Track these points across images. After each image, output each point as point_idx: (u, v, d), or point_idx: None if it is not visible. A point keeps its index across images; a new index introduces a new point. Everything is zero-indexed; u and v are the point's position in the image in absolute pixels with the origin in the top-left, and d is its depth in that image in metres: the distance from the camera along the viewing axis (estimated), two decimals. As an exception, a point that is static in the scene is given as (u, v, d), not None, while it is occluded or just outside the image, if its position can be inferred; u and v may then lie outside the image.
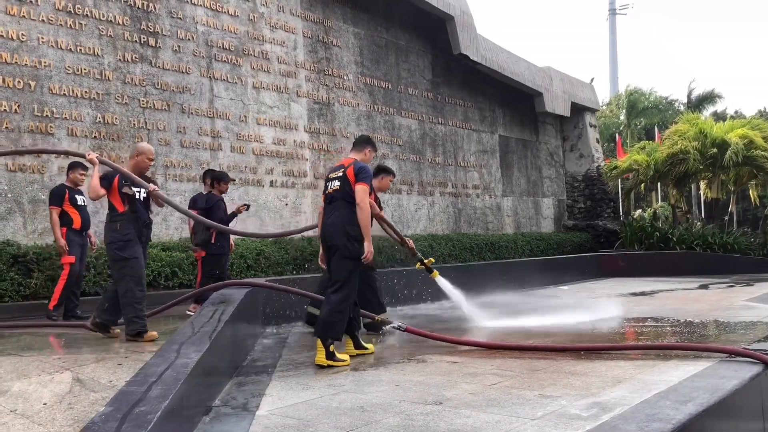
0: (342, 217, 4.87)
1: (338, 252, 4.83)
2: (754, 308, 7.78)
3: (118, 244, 5.57)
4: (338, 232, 4.82)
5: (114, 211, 5.68)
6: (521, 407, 3.38)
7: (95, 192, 5.61)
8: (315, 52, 12.30)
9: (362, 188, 4.85)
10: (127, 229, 5.60)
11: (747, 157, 16.08)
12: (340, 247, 4.81)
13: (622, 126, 36.74)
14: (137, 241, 5.67)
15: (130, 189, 5.69)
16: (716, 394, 3.44)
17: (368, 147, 5.24)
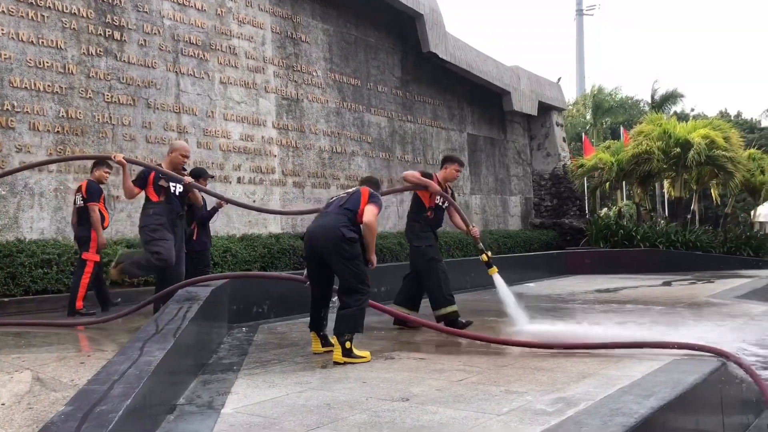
0: (337, 221, 4.83)
1: (335, 256, 4.77)
2: (716, 304, 7.95)
3: (151, 227, 5.99)
4: (329, 237, 4.77)
5: (149, 201, 6.11)
6: (487, 403, 3.40)
7: (131, 193, 6.09)
8: (283, 48, 12.21)
9: (372, 209, 4.87)
10: (161, 214, 6.01)
11: (709, 157, 16.41)
12: (335, 250, 4.75)
13: (589, 125, 37.26)
14: (170, 229, 6.06)
15: (166, 182, 6.11)
16: (677, 388, 3.50)
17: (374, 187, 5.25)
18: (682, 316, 6.99)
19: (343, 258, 4.77)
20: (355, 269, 4.79)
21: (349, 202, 4.95)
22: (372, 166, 13.74)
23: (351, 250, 4.78)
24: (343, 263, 4.78)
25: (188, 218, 7.21)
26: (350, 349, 4.61)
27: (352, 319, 4.70)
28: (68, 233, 8.84)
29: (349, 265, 4.78)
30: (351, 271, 4.78)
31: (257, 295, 7.09)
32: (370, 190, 5.05)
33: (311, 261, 5.00)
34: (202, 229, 7.45)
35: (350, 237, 4.79)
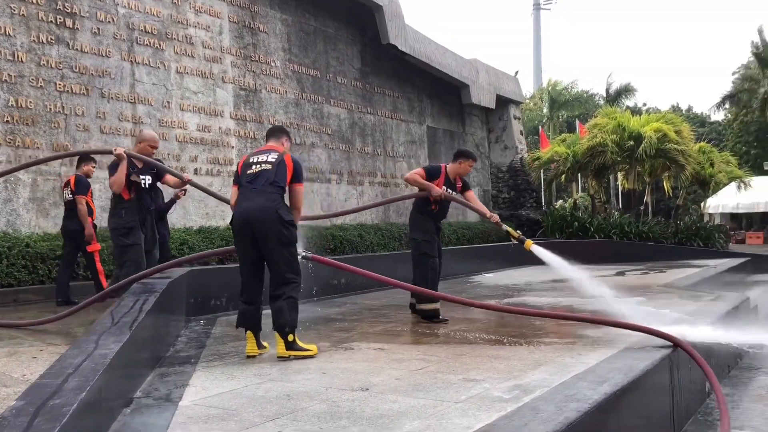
0: (273, 201, 4.47)
1: (272, 240, 4.43)
2: (668, 292, 8.17)
3: (122, 230, 5.82)
4: (270, 218, 4.42)
5: (120, 199, 5.90)
6: (446, 391, 3.44)
7: (120, 185, 5.83)
8: (241, 38, 12.07)
9: (301, 190, 4.66)
10: (132, 216, 5.84)
11: (660, 150, 16.80)
12: (274, 234, 4.42)
13: (545, 119, 37.78)
14: (140, 229, 5.90)
15: (138, 177, 5.92)
16: (630, 374, 3.60)
17: (285, 136, 4.95)
18: (638, 304, 7.15)
19: (281, 244, 4.45)
20: (290, 257, 4.50)
21: (277, 176, 4.54)
22: (332, 158, 13.70)
23: (289, 235, 4.49)
24: (279, 250, 4.46)
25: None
26: (294, 342, 4.40)
27: (289, 312, 4.43)
28: (18, 225, 8.62)
29: (285, 252, 4.48)
30: (286, 258, 4.48)
31: (215, 287, 7.02)
32: (293, 159, 4.68)
33: (243, 244, 4.58)
34: (159, 221, 7.36)
35: (289, 220, 4.50)
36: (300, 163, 4.75)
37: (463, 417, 2.97)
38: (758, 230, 39.80)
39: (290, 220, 4.49)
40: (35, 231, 8.70)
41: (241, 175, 4.69)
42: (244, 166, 4.69)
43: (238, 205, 4.60)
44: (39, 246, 8.15)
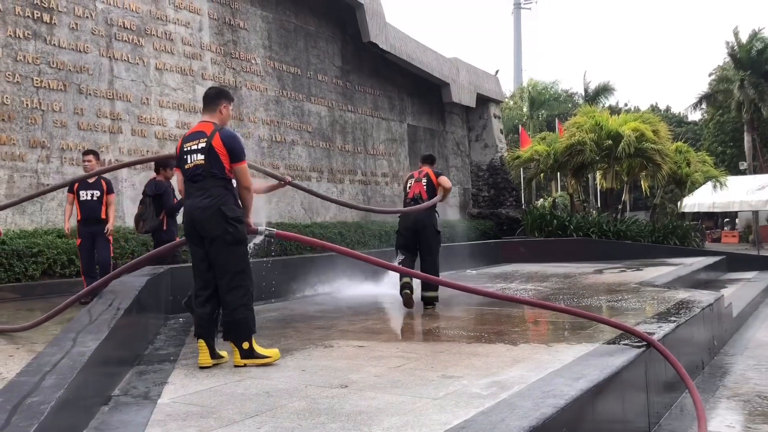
0: (214, 197, 4.09)
1: (217, 240, 4.07)
2: (643, 291, 8.26)
3: None
4: (212, 217, 4.06)
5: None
6: (424, 388, 3.47)
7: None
8: (221, 35, 12.01)
9: (244, 168, 4.16)
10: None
11: (638, 149, 16.97)
12: (218, 233, 4.05)
13: (525, 117, 38.00)
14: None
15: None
16: (605, 370, 3.65)
17: (223, 102, 4.32)
18: (614, 301, 7.25)
19: (226, 243, 4.06)
20: (238, 258, 4.11)
21: (213, 166, 4.11)
22: (312, 156, 13.69)
23: (235, 232, 4.08)
24: (225, 250, 4.07)
25: (157, 208, 7.31)
26: (250, 349, 4.09)
27: (244, 323, 4.10)
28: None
29: (232, 253, 4.08)
30: (233, 260, 4.09)
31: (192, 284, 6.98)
32: (222, 138, 4.15)
33: (193, 245, 4.23)
34: (170, 219, 7.40)
35: (234, 217, 4.11)
36: (233, 138, 4.23)
37: (441, 413, 3.00)
38: (733, 229, 40.40)
39: (236, 217, 4.10)
40: (11, 228, 8.61)
41: (179, 164, 4.32)
42: (180, 156, 4.28)
43: (185, 202, 4.31)
44: (15, 243, 8.06)
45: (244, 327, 4.12)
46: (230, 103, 4.44)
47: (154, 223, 7.36)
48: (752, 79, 34.35)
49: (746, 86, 34.42)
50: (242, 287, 4.14)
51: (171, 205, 7.37)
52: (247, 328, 4.13)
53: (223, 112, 4.33)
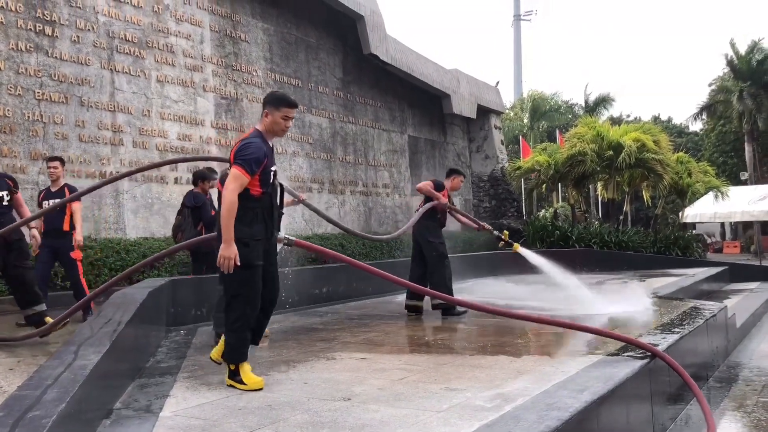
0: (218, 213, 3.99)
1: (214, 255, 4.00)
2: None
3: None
4: (217, 233, 3.93)
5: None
6: (428, 400, 3.45)
7: None
8: (222, 47, 12.05)
9: (233, 173, 3.75)
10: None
11: (639, 160, 16.99)
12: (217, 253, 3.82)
13: (526, 128, 38.06)
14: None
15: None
16: (609, 382, 3.63)
17: (266, 107, 3.99)
18: (618, 312, 7.21)
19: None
20: (236, 282, 3.82)
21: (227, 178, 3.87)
22: (313, 167, 13.70)
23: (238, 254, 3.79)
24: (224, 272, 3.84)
25: (194, 220, 7.52)
26: (235, 371, 3.90)
27: (227, 346, 3.92)
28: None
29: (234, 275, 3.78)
30: (229, 282, 3.88)
31: (196, 297, 6.97)
32: (239, 146, 3.88)
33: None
34: (208, 231, 7.48)
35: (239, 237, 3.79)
36: (243, 142, 3.90)
37: (444, 426, 2.97)
38: (734, 239, 40.34)
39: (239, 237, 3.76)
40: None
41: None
42: None
43: None
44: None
45: (227, 352, 3.93)
46: (277, 108, 3.95)
47: (191, 235, 7.47)
48: (751, 90, 34.43)
49: (745, 97, 34.50)
50: (234, 311, 3.87)
51: (209, 217, 7.47)
52: (228, 355, 3.92)
53: (266, 118, 4.00)
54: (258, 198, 3.87)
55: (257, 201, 3.87)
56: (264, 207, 3.92)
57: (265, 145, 3.93)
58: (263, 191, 3.89)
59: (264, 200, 3.91)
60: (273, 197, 3.99)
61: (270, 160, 3.92)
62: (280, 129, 4.02)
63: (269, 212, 3.96)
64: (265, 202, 3.93)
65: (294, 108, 4.04)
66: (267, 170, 3.88)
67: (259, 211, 3.88)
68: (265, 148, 3.91)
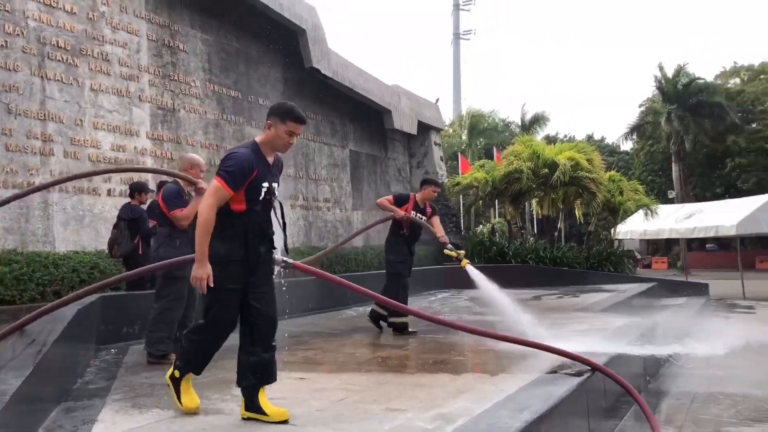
0: None
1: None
2: (582, 317, 8.42)
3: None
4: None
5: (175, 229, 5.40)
6: (368, 422, 3.39)
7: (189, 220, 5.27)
8: (160, 56, 11.78)
9: (212, 185, 3.46)
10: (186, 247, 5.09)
11: (573, 178, 17.41)
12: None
13: (464, 145, 38.64)
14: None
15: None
16: (549, 401, 3.65)
17: (270, 118, 3.61)
18: (556, 327, 7.32)
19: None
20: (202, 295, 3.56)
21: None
22: (252, 181, 13.50)
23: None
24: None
25: (131, 233, 7.31)
26: (177, 379, 3.68)
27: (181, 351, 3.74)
28: None
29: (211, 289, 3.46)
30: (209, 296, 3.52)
31: (128, 314, 6.72)
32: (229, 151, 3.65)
33: None
34: (146, 244, 7.32)
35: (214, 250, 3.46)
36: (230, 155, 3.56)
37: (386, 449, 2.92)
38: (663, 255, 41.86)
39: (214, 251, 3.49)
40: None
41: None
42: None
43: None
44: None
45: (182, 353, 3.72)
46: (282, 121, 3.57)
47: (128, 248, 7.35)
48: (678, 112, 35.94)
49: (673, 119, 35.99)
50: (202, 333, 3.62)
51: (146, 229, 7.28)
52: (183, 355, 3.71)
53: (268, 131, 3.62)
54: (241, 215, 3.50)
55: (240, 218, 3.50)
56: (249, 225, 3.53)
57: (257, 157, 3.53)
58: (248, 208, 3.51)
59: (250, 218, 3.53)
60: (263, 215, 3.60)
61: (262, 174, 3.52)
62: (282, 144, 3.62)
63: (256, 232, 3.56)
64: (250, 220, 3.53)
65: (302, 125, 3.66)
66: (256, 185, 3.50)
67: (240, 230, 3.50)
68: (255, 160, 3.50)
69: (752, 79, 42.50)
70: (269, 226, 3.67)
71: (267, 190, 3.59)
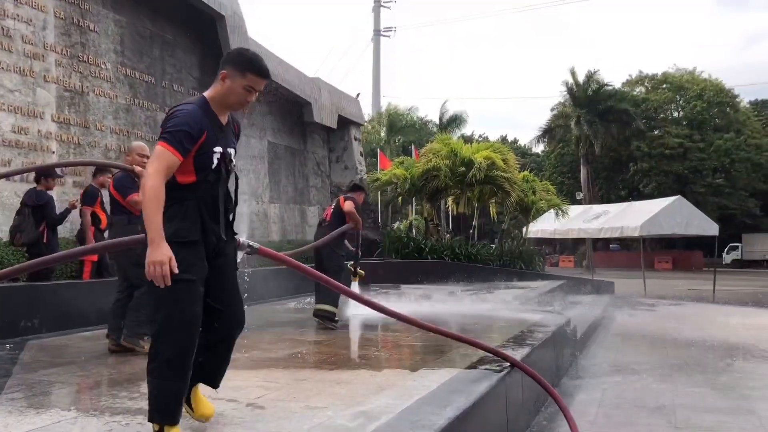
0: None
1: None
2: (497, 314, 8.53)
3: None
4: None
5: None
6: (287, 421, 3.26)
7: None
8: (68, 36, 11.12)
9: (156, 150, 2.78)
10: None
11: (489, 177, 17.74)
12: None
13: (383, 142, 38.80)
14: None
15: None
16: (471, 397, 3.63)
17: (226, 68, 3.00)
18: (472, 323, 7.39)
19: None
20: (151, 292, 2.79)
21: None
22: (165, 170, 12.99)
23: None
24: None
25: (36, 219, 6.96)
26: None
27: (149, 398, 2.83)
28: None
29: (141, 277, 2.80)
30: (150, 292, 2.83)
31: (25, 306, 6.28)
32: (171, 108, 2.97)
33: None
34: (51, 232, 6.82)
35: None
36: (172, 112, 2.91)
37: (307, 449, 2.80)
38: (570, 254, 43.45)
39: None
40: None
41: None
42: None
43: None
44: None
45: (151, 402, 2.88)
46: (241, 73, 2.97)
47: (33, 236, 7.01)
48: (588, 117, 37.38)
49: (582, 123, 37.40)
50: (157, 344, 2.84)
51: (53, 216, 6.92)
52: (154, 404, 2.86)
53: (221, 83, 3.00)
54: (189, 188, 2.85)
55: (188, 191, 2.85)
56: (201, 200, 2.89)
57: (207, 117, 2.91)
58: (198, 179, 2.88)
59: (201, 191, 2.89)
60: (218, 188, 2.98)
61: (212, 136, 2.88)
62: (237, 102, 3.00)
63: (210, 208, 2.94)
64: (203, 194, 2.90)
65: (265, 80, 3.05)
66: (206, 151, 2.86)
67: (191, 205, 2.85)
68: (205, 120, 2.88)
69: (656, 88, 44.80)
70: (229, 201, 3.08)
71: (221, 156, 2.94)
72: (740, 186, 41.78)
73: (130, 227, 5.18)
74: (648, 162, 41.14)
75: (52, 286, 6.84)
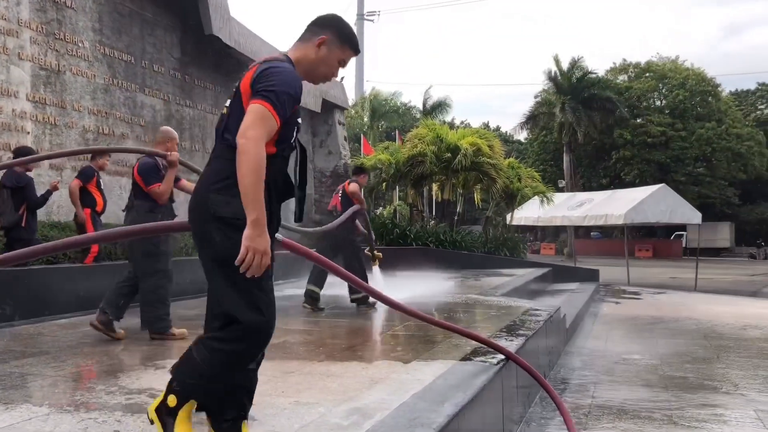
0: (209, 174, 2.53)
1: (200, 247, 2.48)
2: (487, 302, 8.38)
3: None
4: (198, 205, 2.47)
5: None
6: (277, 418, 3.06)
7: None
8: (44, 12, 10.71)
9: (256, 111, 2.32)
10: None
11: (475, 163, 17.60)
12: (200, 236, 2.45)
13: (366, 127, 38.49)
14: None
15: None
16: (468, 391, 3.46)
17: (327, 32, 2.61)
18: (461, 313, 7.24)
19: (210, 258, 2.43)
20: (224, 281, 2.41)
21: (225, 121, 2.54)
22: (144, 152, 12.63)
23: (222, 242, 2.36)
24: (210, 265, 2.46)
25: (16, 202, 6.72)
26: (174, 408, 2.52)
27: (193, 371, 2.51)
28: None
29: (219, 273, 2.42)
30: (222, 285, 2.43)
31: (-2, 293, 6.01)
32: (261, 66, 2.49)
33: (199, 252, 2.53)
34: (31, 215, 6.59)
35: (223, 215, 2.36)
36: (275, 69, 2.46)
37: (299, 450, 2.61)
38: (551, 242, 43.58)
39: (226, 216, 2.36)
40: None
41: None
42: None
43: None
44: None
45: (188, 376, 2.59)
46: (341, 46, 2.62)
47: (12, 219, 6.73)
48: (571, 104, 37.34)
49: (566, 110, 37.36)
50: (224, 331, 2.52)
51: (34, 199, 6.71)
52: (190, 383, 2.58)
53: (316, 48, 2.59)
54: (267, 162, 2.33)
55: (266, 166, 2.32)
56: (272, 177, 2.42)
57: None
58: (276, 152, 2.45)
59: (276, 166, 2.46)
60: (286, 165, 2.55)
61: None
62: (324, 75, 2.65)
63: (279, 186, 2.53)
64: (275, 171, 2.46)
65: (355, 55, 2.74)
66: (294, 120, 2.50)
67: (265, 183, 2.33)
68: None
69: (639, 76, 44.88)
70: (289, 180, 2.60)
71: (298, 129, 2.60)
72: (720, 175, 42.10)
73: (153, 214, 5.19)
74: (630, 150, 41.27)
75: (26, 270, 6.55)
